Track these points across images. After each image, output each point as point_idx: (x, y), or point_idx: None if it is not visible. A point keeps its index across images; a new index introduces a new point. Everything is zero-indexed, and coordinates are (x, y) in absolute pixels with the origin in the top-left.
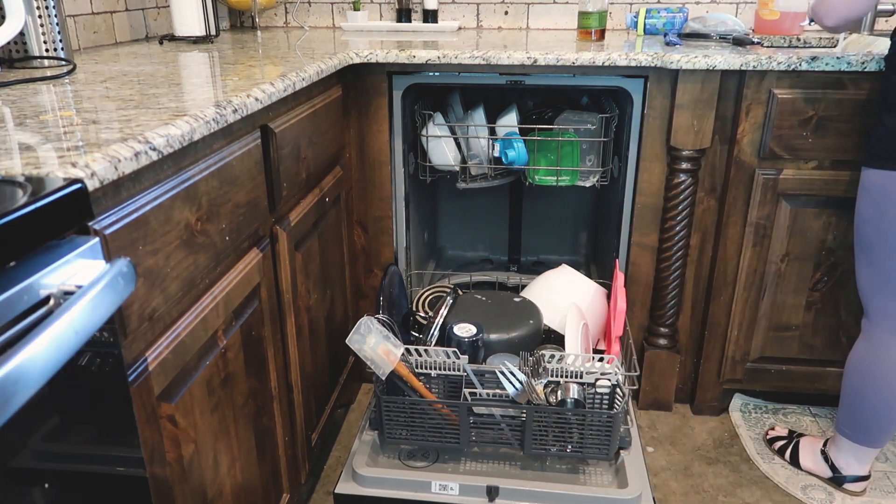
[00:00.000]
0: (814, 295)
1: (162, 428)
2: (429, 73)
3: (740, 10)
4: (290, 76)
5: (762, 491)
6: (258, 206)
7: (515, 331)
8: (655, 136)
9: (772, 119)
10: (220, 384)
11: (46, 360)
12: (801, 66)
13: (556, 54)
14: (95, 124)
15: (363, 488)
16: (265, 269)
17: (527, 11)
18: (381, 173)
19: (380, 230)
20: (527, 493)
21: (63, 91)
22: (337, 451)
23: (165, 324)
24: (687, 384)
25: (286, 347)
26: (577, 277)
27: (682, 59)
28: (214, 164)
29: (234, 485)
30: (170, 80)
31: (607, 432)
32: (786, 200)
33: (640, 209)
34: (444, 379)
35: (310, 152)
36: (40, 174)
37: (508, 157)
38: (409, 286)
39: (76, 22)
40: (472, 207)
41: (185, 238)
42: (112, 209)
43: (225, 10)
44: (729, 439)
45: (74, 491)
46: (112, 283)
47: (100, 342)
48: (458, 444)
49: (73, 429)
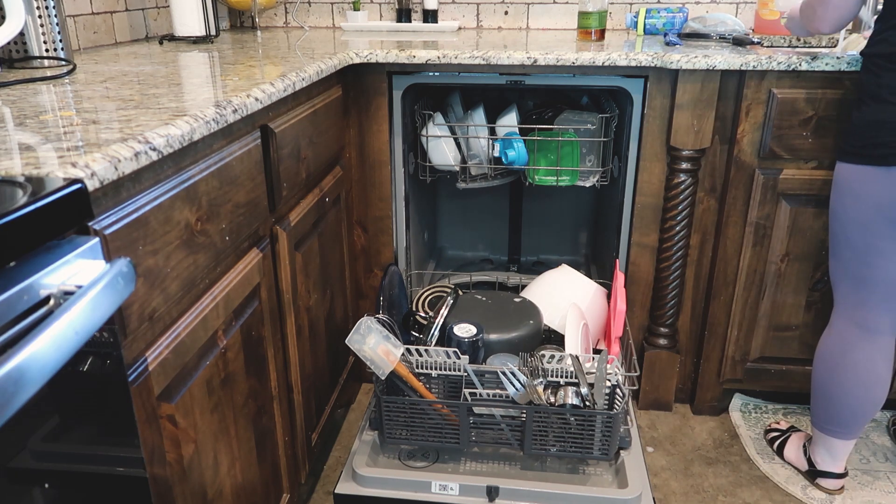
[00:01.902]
0: (814, 295)
1: (162, 428)
2: (429, 73)
3: (740, 10)
4: (290, 76)
5: (762, 491)
6: (258, 206)
7: (515, 331)
8: (655, 136)
9: (772, 119)
10: (220, 384)
11: (46, 361)
12: (801, 66)
13: (556, 54)
14: (95, 124)
15: (363, 488)
16: (265, 269)
17: (527, 11)
18: (381, 173)
19: (380, 230)
20: (527, 494)
21: (63, 91)
22: (337, 451)
23: (165, 324)
24: (687, 384)
25: (286, 347)
26: (577, 277)
27: (682, 59)
28: (214, 164)
29: (234, 485)
30: (170, 80)
31: (607, 432)
32: (786, 200)
33: (640, 209)
34: (444, 379)
35: (310, 152)
36: (40, 174)
37: (508, 157)
38: (409, 286)
39: (76, 22)
40: (472, 207)
41: (185, 238)
42: (112, 209)
43: (225, 10)
44: (729, 439)
45: (74, 491)
46: (112, 283)
47: (100, 342)
48: (458, 445)
49: (73, 429)
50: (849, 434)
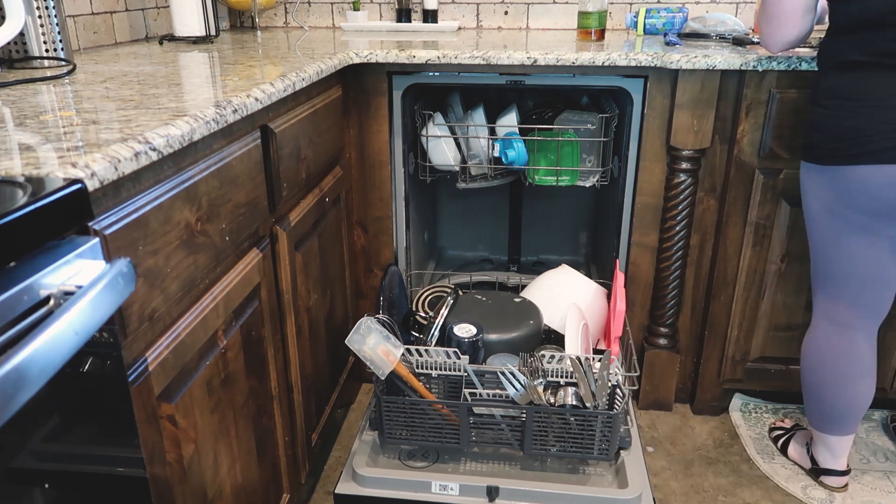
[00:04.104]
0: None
1: (162, 428)
2: (429, 73)
3: (740, 10)
4: (289, 76)
5: (762, 491)
6: (258, 206)
7: (515, 331)
8: (655, 136)
9: (772, 119)
10: (220, 384)
11: (46, 361)
12: (800, 65)
13: (556, 54)
14: (95, 124)
15: (363, 488)
16: (265, 270)
17: (527, 11)
18: (381, 173)
19: (380, 230)
20: (527, 494)
21: (63, 91)
22: (337, 451)
23: (165, 324)
24: (687, 384)
25: (286, 347)
26: (577, 277)
27: (682, 58)
28: (214, 165)
29: (234, 485)
30: (170, 80)
31: (607, 432)
32: (786, 200)
33: (640, 209)
34: (444, 379)
35: (310, 152)
36: (40, 174)
37: (508, 157)
38: (409, 286)
39: (76, 22)
40: (472, 207)
41: (185, 238)
42: (112, 209)
43: (225, 11)
44: (729, 439)
45: (74, 491)
46: (112, 283)
47: (100, 342)
48: (458, 445)
49: (73, 429)
50: (843, 430)
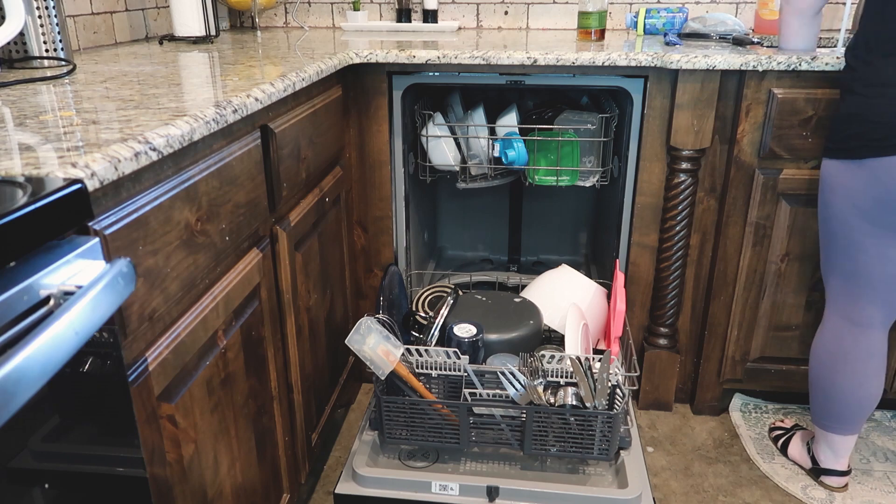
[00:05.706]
0: (814, 295)
1: (162, 428)
2: (429, 73)
3: (740, 10)
4: (289, 76)
5: (762, 491)
6: (258, 206)
7: (515, 331)
8: (655, 136)
9: (772, 119)
10: (220, 384)
11: (46, 361)
12: (800, 65)
13: (556, 54)
14: (95, 124)
15: (363, 488)
16: (265, 270)
17: (527, 11)
18: (381, 173)
19: (380, 230)
20: (527, 494)
21: (63, 91)
22: (337, 451)
23: (165, 324)
24: (687, 384)
25: (286, 347)
26: (577, 277)
27: (682, 59)
28: (214, 165)
29: (234, 485)
30: (170, 80)
31: (607, 432)
32: (786, 200)
33: (640, 209)
34: (444, 379)
35: (310, 152)
36: (40, 174)
37: (508, 157)
38: (409, 286)
39: (76, 22)
40: (472, 207)
41: (185, 238)
42: (112, 209)
43: (225, 11)
44: (729, 439)
45: (74, 491)
46: (112, 283)
47: (100, 342)
48: (458, 445)
49: (73, 429)
50: (848, 430)
